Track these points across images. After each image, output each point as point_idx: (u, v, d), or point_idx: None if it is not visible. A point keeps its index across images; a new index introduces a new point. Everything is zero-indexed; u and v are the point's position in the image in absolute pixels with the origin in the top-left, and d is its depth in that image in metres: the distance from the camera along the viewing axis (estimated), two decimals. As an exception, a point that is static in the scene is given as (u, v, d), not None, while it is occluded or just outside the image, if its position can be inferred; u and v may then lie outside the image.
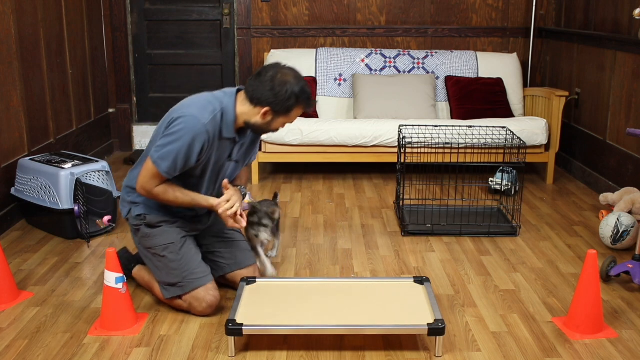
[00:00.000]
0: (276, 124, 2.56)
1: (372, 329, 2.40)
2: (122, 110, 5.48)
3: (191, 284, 2.61)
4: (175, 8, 5.39)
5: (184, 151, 2.44)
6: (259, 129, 2.58)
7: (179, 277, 2.62)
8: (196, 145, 2.45)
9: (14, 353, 2.41)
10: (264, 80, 2.47)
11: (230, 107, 2.52)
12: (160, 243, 2.64)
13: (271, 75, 2.47)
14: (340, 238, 3.57)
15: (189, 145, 2.43)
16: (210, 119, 2.46)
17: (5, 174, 3.66)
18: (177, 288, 2.64)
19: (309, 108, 2.58)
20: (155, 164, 2.47)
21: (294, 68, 2.54)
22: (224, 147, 2.59)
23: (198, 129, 2.43)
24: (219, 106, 2.51)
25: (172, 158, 2.45)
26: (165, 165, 2.46)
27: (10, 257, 3.25)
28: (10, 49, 3.70)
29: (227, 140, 2.57)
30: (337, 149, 4.49)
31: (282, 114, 2.51)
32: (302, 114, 2.58)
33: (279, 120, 2.54)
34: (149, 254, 2.69)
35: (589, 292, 2.51)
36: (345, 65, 5.03)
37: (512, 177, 4.16)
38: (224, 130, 2.52)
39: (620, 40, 4.11)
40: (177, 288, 2.64)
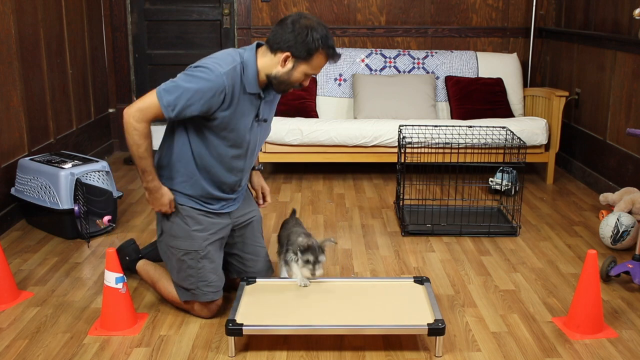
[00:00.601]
0: (297, 74, 2.42)
1: (372, 329, 2.40)
2: (122, 110, 5.46)
3: (204, 295, 2.59)
4: (175, 8, 5.39)
5: (191, 92, 2.33)
6: (280, 81, 2.44)
7: (193, 285, 2.59)
8: (208, 94, 2.34)
9: (14, 353, 2.41)
10: (284, 25, 2.37)
11: (251, 60, 2.43)
12: (183, 247, 2.57)
13: (292, 19, 2.37)
14: (340, 238, 3.57)
15: (201, 91, 2.33)
16: (228, 69, 2.37)
17: (5, 174, 3.66)
18: (190, 294, 2.61)
19: (333, 57, 2.43)
20: (158, 95, 2.36)
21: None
22: (250, 104, 2.48)
23: (214, 77, 2.34)
24: (239, 59, 2.42)
25: (177, 93, 2.34)
26: (167, 98, 2.34)
27: (10, 257, 3.25)
28: (10, 49, 3.70)
29: (252, 95, 2.47)
30: (337, 149, 4.49)
31: (303, 60, 2.38)
32: (324, 65, 2.44)
33: (300, 69, 2.40)
34: (169, 252, 2.62)
35: (589, 292, 2.51)
36: (345, 65, 5.03)
37: (512, 177, 4.16)
38: (246, 84, 2.43)
39: (620, 40, 4.11)
40: (190, 294, 2.61)
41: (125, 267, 2.89)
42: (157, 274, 2.80)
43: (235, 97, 2.42)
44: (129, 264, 2.95)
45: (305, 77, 2.45)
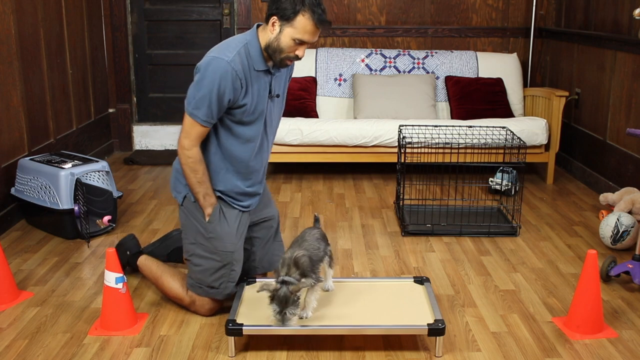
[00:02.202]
0: (285, 39, 2.40)
1: (372, 329, 2.40)
2: (122, 110, 5.48)
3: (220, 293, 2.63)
4: (175, 8, 5.39)
5: (215, 93, 2.38)
6: (273, 50, 2.44)
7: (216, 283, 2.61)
8: (226, 84, 2.39)
9: (14, 353, 2.41)
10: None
11: (253, 39, 2.47)
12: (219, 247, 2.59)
13: None
14: (340, 238, 3.57)
15: (218, 86, 2.38)
16: (233, 55, 2.41)
17: (5, 174, 3.66)
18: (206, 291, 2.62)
19: (321, 21, 2.38)
20: (191, 116, 2.43)
21: None
22: (262, 82, 2.51)
23: (222, 68, 2.38)
24: (242, 42, 2.47)
25: (206, 104, 2.39)
26: (202, 113, 2.41)
27: (10, 257, 3.25)
28: (10, 49, 3.70)
29: (262, 72, 2.50)
30: (337, 149, 4.49)
31: (287, 22, 2.37)
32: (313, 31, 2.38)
33: (286, 32, 2.39)
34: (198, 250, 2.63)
35: (589, 292, 2.51)
36: (345, 65, 5.03)
37: (512, 177, 4.15)
38: (254, 63, 2.46)
39: (620, 40, 4.11)
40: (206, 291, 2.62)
41: (125, 263, 2.93)
42: (160, 270, 2.80)
43: (249, 79, 2.46)
44: (129, 258, 2.95)
45: (294, 43, 2.41)
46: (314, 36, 2.41)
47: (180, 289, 2.70)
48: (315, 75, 5.00)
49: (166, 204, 4.13)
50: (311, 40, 2.42)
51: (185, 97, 2.49)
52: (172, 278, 2.74)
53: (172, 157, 5.22)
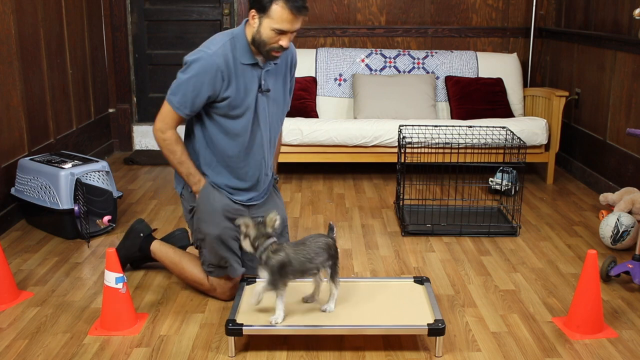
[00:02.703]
0: (265, 30, 2.43)
1: (372, 329, 2.40)
2: (122, 110, 5.48)
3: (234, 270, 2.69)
4: (175, 8, 5.39)
5: (192, 83, 2.46)
6: (257, 43, 2.48)
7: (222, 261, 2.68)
8: (205, 77, 2.45)
9: (14, 353, 2.41)
10: None
11: (240, 32, 2.53)
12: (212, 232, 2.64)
13: None
14: (340, 238, 3.56)
15: (197, 76, 2.46)
16: (217, 48, 2.48)
17: (5, 174, 3.66)
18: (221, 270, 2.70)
19: (296, 7, 2.38)
20: (167, 101, 2.52)
21: None
22: (249, 76, 2.54)
23: (204, 60, 2.46)
24: (229, 36, 2.53)
25: (181, 91, 2.48)
26: (176, 99, 2.50)
27: (10, 257, 3.25)
28: (10, 49, 3.70)
29: (249, 66, 2.53)
30: (337, 149, 4.49)
31: (264, 15, 2.41)
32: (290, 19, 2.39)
33: (265, 24, 2.42)
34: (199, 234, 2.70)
35: (589, 292, 2.51)
36: (345, 65, 5.03)
37: (512, 177, 4.16)
38: (239, 56, 2.50)
39: (620, 40, 4.11)
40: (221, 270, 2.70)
41: (137, 248, 2.97)
42: (178, 255, 2.86)
43: (233, 73, 2.50)
44: (142, 241, 2.97)
45: (275, 33, 2.43)
46: (293, 24, 2.42)
47: (201, 274, 2.77)
48: (315, 75, 5.00)
49: (166, 204, 4.13)
50: (291, 28, 2.43)
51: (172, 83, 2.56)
52: (191, 263, 2.80)
53: (172, 157, 5.25)
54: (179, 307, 2.76)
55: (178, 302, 2.81)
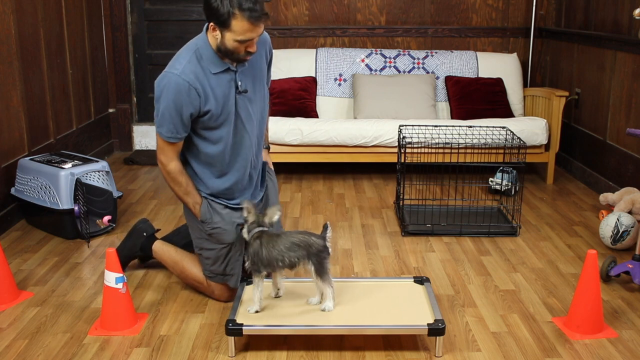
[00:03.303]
0: (229, 42, 2.38)
1: (372, 329, 2.40)
2: (122, 110, 5.48)
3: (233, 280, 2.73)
4: (175, 8, 5.39)
5: (172, 108, 2.41)
6: (223, 52, 2.43)
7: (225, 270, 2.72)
8: (181, 98, 2.40)
9: (14, 353, 2.41)
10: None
11: (203, 43, 2.46)
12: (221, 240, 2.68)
13: None
14: (340, 238, 3.57)
15: (173, 101, 2.40)
16: (183, 66, 2.41)
17: (5, 174, 3.66)
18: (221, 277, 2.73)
19: (254, 17, 2.31)
20: (158, 134, 2.50)
21: None
22: (225, 82, 2.49)
23: (174, 82, 2.39)
24: (193, 48, 2.46)
25: (166, 120, 2.43)
26: (164, 130, 2.46)
27: (10, 257, 3.25)
28: (10, 49, 3.70)
29: (222, 73, 2.48)
30: (337, 149, 4.49)
31: (225, 28, 2.35)
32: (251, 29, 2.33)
33: (228, 37, 2.36)
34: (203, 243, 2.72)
35: (589, 292, 2.51)
36: (345, 65, 5.03)
37: (512, 177, 4.16)
38: (207, 66, 2.45)
39: (620, 40, 4.11)
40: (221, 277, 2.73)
41: (139, 247, 2.98)
42: (180, 255, 2.87)
43: (207, 85, 2.45)
44: (144, 241, 2.97)
45: (240, 44, 2.39)
46: (255, 32, 2.37)
47: (201, 274, 2.78)
48: (315, 75, 5.00)
49: (166, 204, 4.13)
50: (254, 36, 2.38)
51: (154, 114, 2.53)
52: (192, 263, 2.81)
53: (172, 157, 5.25)
54: (179, 307, 2.76)
55: (178, 302, 2.81)
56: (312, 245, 2.41)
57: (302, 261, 2.42)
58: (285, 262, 2.43)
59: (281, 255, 2.42)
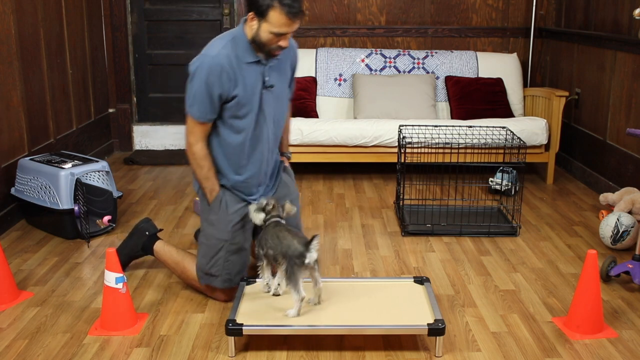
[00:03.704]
0: (264, 34, 2.47)
1: (372, 329, 2.40)
2: (122, 110, 5.48)
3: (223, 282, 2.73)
4: (175, 8, 5.39)
5: (203, 88, 2.50)
6: (257, 44, 2.53)
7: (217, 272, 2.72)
8: (212, 80, 2.49)
9: (14, 353, 2.41)
10: None
11: (240, 33, 2.56)
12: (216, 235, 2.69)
13: None
14: (340, 238, 3.57)
15: (205, 81, 2.49)
16: (218, 49, 2.52)
17: (5, 174, 3.66)
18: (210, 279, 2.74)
19: (293, 14, 2.42)
20: (189, 114, 2.57)
21: None
22: (254, 74, 2.58)
23: (208, 63, 2.49)
24: (230, 37, 2.56)
25: (197, 100, 2.52)
26: (195, 110, 2.54)
27: (10, 257, 3.25)
28: (10, 49, 3.70)
29: (252, 64, 2.57)
30: (337, 149, 4.49)
31: (263, 19, 2.45)
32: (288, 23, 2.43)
33: (264, 28, 2.46)
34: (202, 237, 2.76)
35: (589, 292, 2.51)
36: (345, 65, 5.03)
37: (512, 177, 4.16)
38: (241, 55, 2.54)
39: (620, 40, 4.11)
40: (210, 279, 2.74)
41: (141, 247, 2.99)
42: (181, 255, 2.89)
43: (237, 72, 2.54)
44: (146, 240, 2.99)
45: (274, 36, 2.48)
46: (290, 27, 2.47)
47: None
48: (315, 75, 5.00)
49: (166, 204, 4.13)
50: (288, 31, 2.48)
51: (184, 98, 2.63)
52: (193, 263, 2.83)
53: (172, 157, 5.26)
54: (179, 307, 2.76)
55: (178, 302, 2.81)
56: (290, 248, 2.42)
57: (279, 259, 2.45)
58: (270, 255, 2.51)
59: (270, 248, 2.49)
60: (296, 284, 2.39)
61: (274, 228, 2.52)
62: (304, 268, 2.39)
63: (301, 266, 2.38)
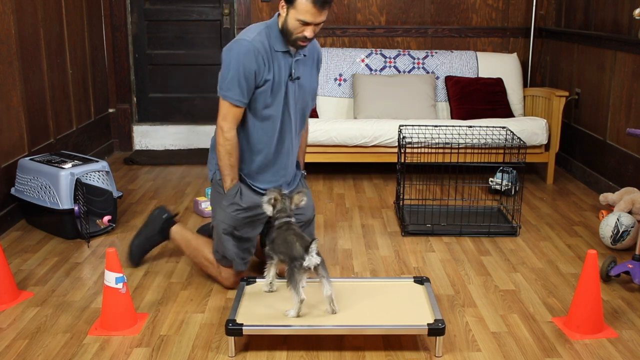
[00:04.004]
0: (291, 21, 2.57)
1: (372, 329, 2.40)
2: (122, 110, 5.48)
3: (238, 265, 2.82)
4: (175, 8, 5.39)
5: (242, 71, 2.57)
6: (284, 33, 2.61)
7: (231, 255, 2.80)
8: (249, 62, 2.57)
9: (14, 353, 2.41)
10: None
11: (273, 23, 2.67)
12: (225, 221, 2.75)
13: None
14: (340, 238, 3.57)
15: (242, 64, 2.57)
16: (254, 35, 2.62)
17: (5, 174, 3.66)
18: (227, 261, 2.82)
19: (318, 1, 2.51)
20: (225, 98, 2.64)
21: None
22: (283, 63, 2.67)
23: (244, 47, 2.58)
24: (264, 25, 2.68)
25: (235, 83, 2.59)
26: (233, 93, 2.60)
27: (10, 257, 3.25)
28: (10, 49, 3.70)
29: (282, 53, 2.66)
30: (337, 149, 4.49)
31: (291, 6, 2.55)
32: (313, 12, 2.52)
33: (291, 15, 2.56)
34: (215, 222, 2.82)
35: (589, 292, 2.51)
36: (345, 65, 5.03)
37: (512, 177, 4.16)
38: (273, 44, 2.62)
39: (620, 40, 4.11)
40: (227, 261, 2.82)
41: (158, 230, 3.06)
42: (197, 240, 2.97)
43: (270, 58, 2.62)
44: (164, 223, 3.05)
45: (299, 24, 2.56)
46: (316, 17, 2.55)
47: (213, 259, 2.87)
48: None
49: (166, 204, 4.13)
50: (314, 20, 2.56)
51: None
52: (206, 244, 2.91)
53: (172, 157, 5.26)
54: (179, 307, 2.76)
55: (178, 302, 2.81)
56: (293, 249, 2.43)
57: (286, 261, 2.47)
58: (279, 257, 2.54)
59: (279, 249, 2.52)
60: (296, 285, 2.39)
61: (285, 232, 2.52)
62: (304, 271, 2.39)
63: (300, 269, 2.38)
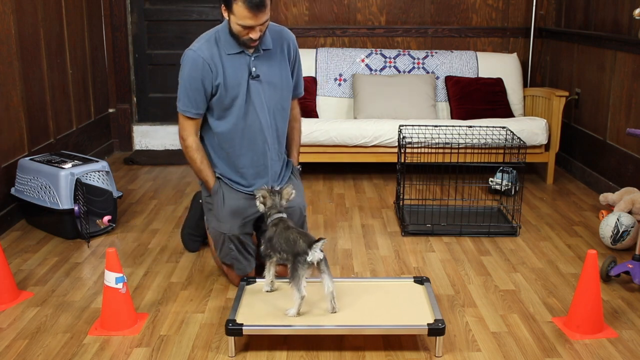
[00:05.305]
0: (233, 26, 2.57)
1: (372, 329, 2.40)
2: (122, 110, 5.48)
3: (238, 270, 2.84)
4: (175, 8, 5.39)
5: (188, 82, 2.62)
6: (231, 34, 2.62)
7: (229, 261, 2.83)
8: (194, 72, 2.61)
9: (14, 353, 2.41)
10: None
11: (223, 27, 2.67)
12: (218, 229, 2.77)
13: None
14: (340, 238, 3.57)
15: (188, 75, 2.62)
16: (201, 44, 2.64)
17: (5, 174, 3.66)
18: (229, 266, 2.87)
19: (252, 5, 2.47)
20: (178, 110, 2.69)
21: None
22: (239, 64, 2.66)
23: (189, 57, 2.63)
24: (214, 31, 2.69)
25: (183, 94, 2.66)
26: (181, 104, 2.67)
27: (10, 257, 3.25)
28: (10, 49, 3.70)
29: (236, 55, 2.65)
30: (337, 149, 4.49)
31: (230, 12, 2.54)
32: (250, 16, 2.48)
33: (232, 20, 2.56)
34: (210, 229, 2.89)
35: (589, 292, 2.51)
36: (345, 65, 5.03)
37: (512, 177, 4.16)
38: (223, 47, 2.64)
39: (620, 40, 4.11)
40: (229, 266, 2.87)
41: (199, 216, 3.15)
42: None
43: (219, 64, 2.63)
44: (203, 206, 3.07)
45: (242, 28, 2.56)
46: (255, 20, 2.53)
47: None
48: (315, 75, 5.00)
49: (166, 204, 4.13)
50: (255, 23, 2.54)
51: None
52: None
53: (172, 157, 5.26)
54: (179, 307, 2.76)
55: (178, 302, 2.81)
56: (297, 246, 2.42)
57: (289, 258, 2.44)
58: (280, 256, 2.51)
59: (281, 247, 2.50)
60: (298, 281, 2.39)
61: (286, 231, 2.49)
62: (307, 267, 2.39)
63: (304, 264, 2.38)
